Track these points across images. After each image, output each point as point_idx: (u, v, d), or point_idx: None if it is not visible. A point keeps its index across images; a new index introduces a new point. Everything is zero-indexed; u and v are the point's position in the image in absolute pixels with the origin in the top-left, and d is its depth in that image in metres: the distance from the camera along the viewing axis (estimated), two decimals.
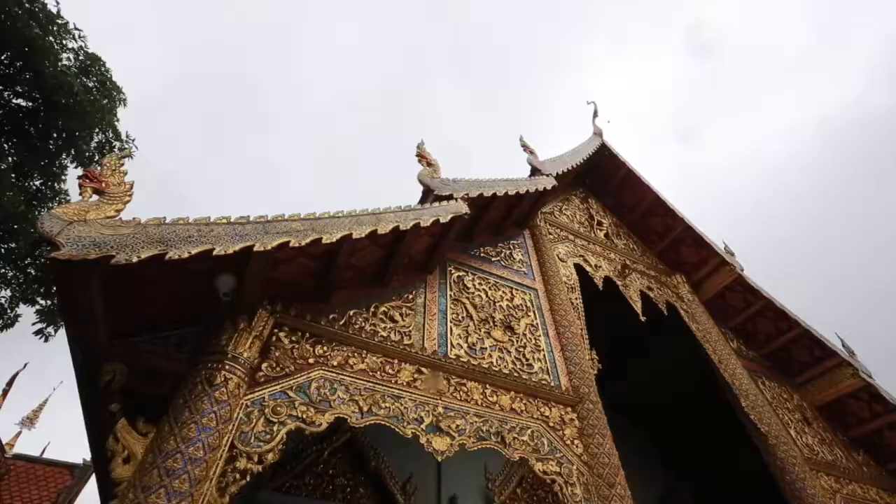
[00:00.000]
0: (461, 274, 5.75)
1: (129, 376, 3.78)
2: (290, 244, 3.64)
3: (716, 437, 10.21)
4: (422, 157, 6.01)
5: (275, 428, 3.51)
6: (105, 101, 10.06)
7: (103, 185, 3.32)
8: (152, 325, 3.90)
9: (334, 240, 3.86)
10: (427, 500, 7.36)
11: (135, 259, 2.91)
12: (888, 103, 68.35)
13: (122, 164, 3.67)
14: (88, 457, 9.14)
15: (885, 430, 8.56)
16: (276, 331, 4.09)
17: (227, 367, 3.55)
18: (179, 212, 3.47)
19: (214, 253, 3.20)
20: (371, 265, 4.80)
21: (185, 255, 3.09)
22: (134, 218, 3.19)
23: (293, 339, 4.12)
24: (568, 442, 4.59)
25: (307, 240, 3.72)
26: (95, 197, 3.29)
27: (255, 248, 3.44)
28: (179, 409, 3.30)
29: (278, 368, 3.87)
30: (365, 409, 3.83)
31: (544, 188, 6.92)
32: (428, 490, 7.45)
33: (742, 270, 9.75)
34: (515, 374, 4.85)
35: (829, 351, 9.02)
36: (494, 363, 4.83)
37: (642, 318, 7.56)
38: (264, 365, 3.83)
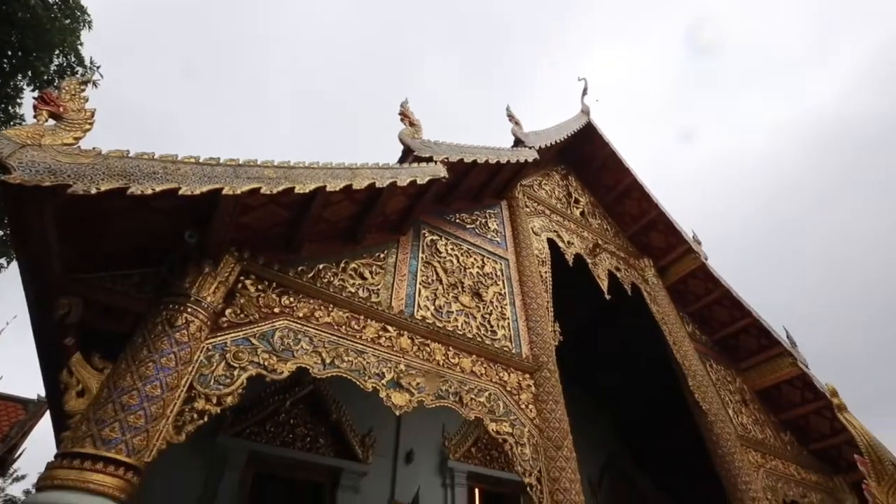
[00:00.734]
0: (435, 238, 5.76)
1: (87, 311, 3.70)
2: (262, 191, 3.55)
3: (661, 411, 10.85)
4: (405, 116, 5.87)
5: (235, 373, 3.53)
6: (67, 22, 9.29)
7: (61, 109, 3.11)
8: (113, 263, 3.79)
9: (307, 191, 3.79)
10: (385, 452, 7.63)
11: (94, 191, 2.78)
12: (871, 106, 70.34)
13: (84, 90, 3.44)
14: (43, 393, 9.00)
15: (812, 416, 9.31)
16: (242, 278, 4.05)
17: (189, 309, 3.51)
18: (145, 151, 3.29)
19: (180, 192, 3.09)
20: (344, 220, 4.75)
21: (149, 191, 2.97)
22: (94, 148, 3.03)
23: (259, 287, 4.09)
24: (523, 406, 4.81)
25: (279, 188, 3.63)
26: (52, 122, 3.09)
27: (224, 192, 3.35)
28: (138, 348, 3.27)
29: (242, 315, 3.86)
30: (328, 360, 3.88)
31: (525, 160, 6.92)
32: (386, 444, 7.71)
33: (706, 259, 10.14)
34: (479, 339, 4.99)
35: (774, 341, 9.62)
36: (459, 327, 4.95)
37: (607, 297, 7.82)
38: (228, 311, 3.80)
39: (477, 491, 8.54)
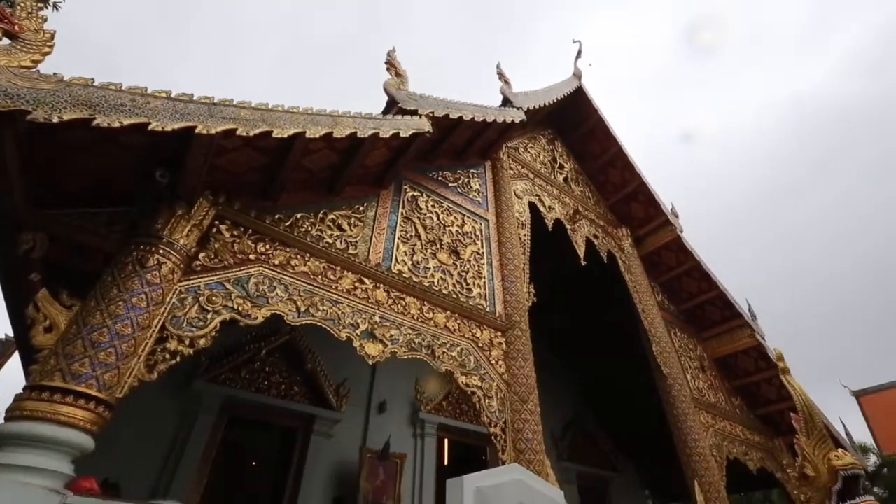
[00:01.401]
0: (416, 194, 5.72)
1: (53, 248, 3.60)
2: (238, 133, 3.43)
3: (624, 375, 11.38)
4: (391, 65, 5.66)
5: (209, 316, 3.54)
6: None
7: (16, 28, 2.89)
8: (80, 200, 3.66)
9: (286, 135, 3.67)
10: (358, 402, 7.87)
11: (56, 119, 2.63)
12: (858, 94, 70.98)
13: (42, 9, 3.19)
14: (11, 333, 8.86)
15: (763, 383, 9.96)
16: (217, 223, 3.97)
17: (161, 251, 3.45)
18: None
19: (150, 128, 2.96)
20: (324, 170, 4.65)
21: (117, 124, 2.83)
22: (55, 74, 2.84)
23: (235, 233, 4.03)
24: (493, 362, 4.99)
25: (256, 130, 3.51)
26: (6, 41, 2.88)
27: (198, 131, 3.22)
28: (107, 286, 3.22)
29: (217, 260, 3.82)
30: (303, 309, 3.92)
31: (512, 121, 6.82)
32: (360, 394, 7.94)
33: (681, 232, 10.40)
34: (454, 296, 5.08)
35: (736, 313, 10.10)
36: (435, 283, 5.02)
37: (583, 263, 7.99)
38: (202, 255, 3.75)
39: (446, 441, 8.96)
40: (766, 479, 9.56)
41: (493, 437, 4.63)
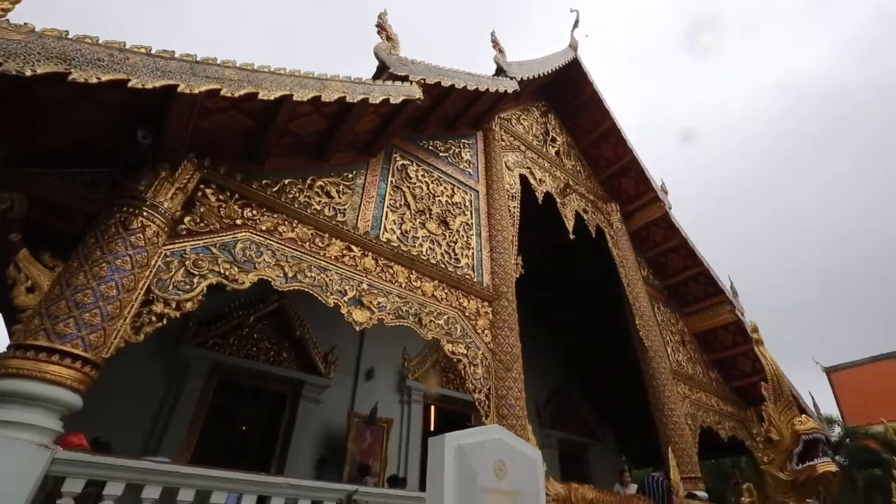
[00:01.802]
0: (406, 163, 5.66)
1: (33, 209, 3.52)
2: (222, 93, 3.33)
3: (607, 347, 11.68)
4: (382, 28, 5.48)
5: (195, 280, 3.53)
6: None
7: None
8: (59, 159, 3.56)
9: (272, 98, 3.58)
10: (346, 370, 8.01)
11: (29, 72, 2.53)
12: (853, 78, 70.69)
13: None
14: None
15: (739, 357, 10.32)
16: (202, 187, 3.91)
17: (144, 213, 3.40)
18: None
19: (130, 85, 2.86)
20: (312, 135, 4.57)
21: (94, 80, 2.73)
22: (25, 24, 2.71)
23: (221, 197, 3.98)
24: (479, 331, 5.09)
25: (241, 91, 3.41)
26: None
27: (180, 90, 3.12)
28: (90, 248, 3.19)
29: (202, 224, 3.78)
30: (290, 275, 3.92)
31: (505, 91, 6.70)
32: (348, 362, 8.07)
33: (670, 209, 10.48)
34: (442, 266, 5.12)
35: (718, 289, 10.34)
36: (424, 252, 5.04)
37: (571, 236, 8.05)
38: (187, 219, 3.71)
39: (432, 408, 9.21)
40: (736, 446, 10.03)
41: (477, 403, 4.78)
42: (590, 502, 4.58)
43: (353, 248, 4.42)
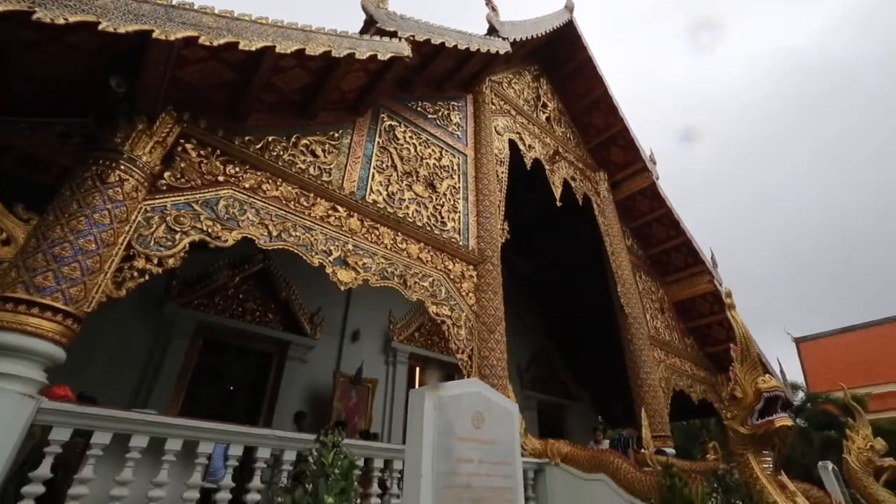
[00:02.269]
0: (393, 123, 5.54)
1: (4, 159, 3.42)
2: (200, 41, 3.18)
3: (588, 313, 11.97)
4: None
5: (177, 236, 3.49)
6: None
7: None
8: (28, 108, 3.41)
9: (253, 49, 3.44)
10: (332, 331, 8.11)
11: None
12: (845, 51, 70.15)
13: None
14: None
15: (714, 325, 10.71)
16: (182, 141, 3.80)
17: (122, 167, 3.30)
18: None
19: (101, 28, 2.71)
20: (296, 92, 4.42)
21: (61, 20, 2.58)
22: None
23: (202, 153, 3.88)
24: (464, 293, 5.16)
25: (221, 40, 3.26)
26: None
27: (156, 36, 2.97)
28: (66, 201, 3.11)
29: (183, 180, 3.69)
30: (274, 233, 3.89)
31: (497, 52, 6.52)
32: (334, 324, 8.17)
33: (657, 179, 10.55)
34: (428, 229, 5.12)
35: (699, 260, 10.59)
36: (410, 215, 5.02)
37: (559, 204, 8.08)
38: (167, 174, 3.62)
39: (417, 369, 9.43)
40: (706, 409, 10.57)
41: (460, 364, 4.91)
42: (564, 455, 4.83)
43: (339, 208, 4.39)
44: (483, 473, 2.10)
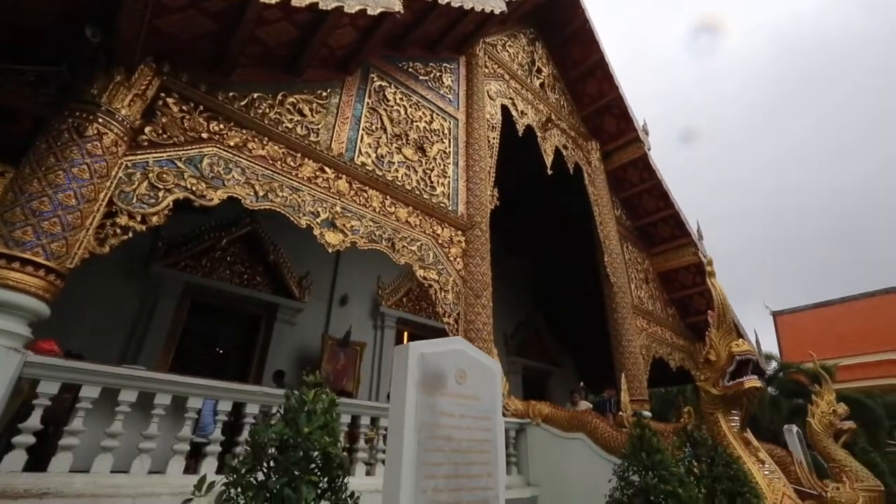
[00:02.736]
0: (383, 84, 5.39)
1: None
2: None
3: (575, 281, 12.16)
4: None
5: (160, 194, 3.42)
6: None
7: None
8: None
9: None
10: (321, 295, 8.16)
11: None
12: (841, 26, 69.04)
13: None
14: None
15: (696, 296, 10.97)
16: (163, 95, 3.66)
17: (100, 120, 3.19)
18: None
19: None
20: (282, 46, 4.26)
21: None
22: None
23: (184, 108, 3.75)
24: (451, 258, 5.20)
25: None
26: None
27: None
28: (43, 154, 3.01)
29: (165, 136, 3.59)
30: (261, 193, 3.84)
31: (491, 11, 6.29)
32: (323, 288, 8.20)
33: (649, 150, 10.51)
34: (417, 193, 5.09)
35: (685, 232, 10.72)
36: (399, 178, 4.97)
37: (549, 172, 8.05)
38: (148, 129, 3.51)
39: (405, 334, 9.59)
40: (683, 376, 10.97)
41: (446, 328, 5.00)
42: (545, 416, 5.02)
43: (327, 169, 4.32)
44: (464, 427, 2.19)
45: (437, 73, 6.30)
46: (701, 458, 2.52)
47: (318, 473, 1.13)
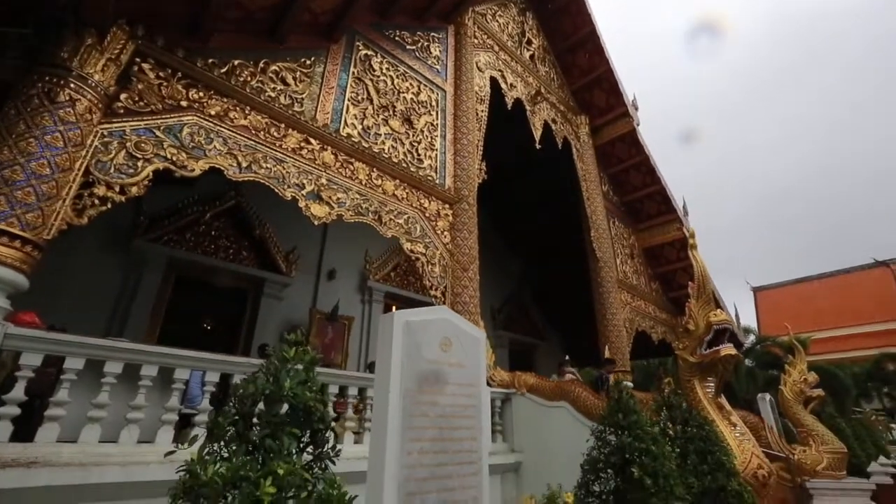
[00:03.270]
0: (369, 53, 5.24)
1: None
2: None
3: (561, 256, 12.28)
4: None
5: (139, 164, 3.33)
6: None
7: None
8: None
9: None
10: (308, 270, 8.12)
11: None
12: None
13: None
14: None
15: (679, 272, 11.18)
16: (138, 60, 3.52)
17: (72, 85, 3.07)
18: None
19: None
20: (262, 10, 4.10)
21: None
22: None
23: (161, 75, 3.62)
24: (439, 231, 5.19)
25: None
26: None
27: None
28: (12, 121, 2.90)
29: (142, 103, 3.47)
30: (244, 165, 3.76)
31: None
32: (310, 262, 8.16)
33: (638, 125, 10.48)
34: (404, 165, 5.03)
35: (671, 208, 10.83)
36: (386, 150, 4.90)
37: (538, 146, 8.00)
38: (123, 96, 3.39)
39: (393, 308, 9.64)
40: (665, 349, 11.28)
41: (433, 300, 5.04)
42: (530, 386, 5.15)
43: (312, 140, 4.23)
44: (449, 393, 2.24)
45: (425, 43, 6.14)
46: (676, 421, 2.64)
47: (300, 427, 1.16)
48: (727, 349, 3.02)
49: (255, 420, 1.17)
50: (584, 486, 2.17)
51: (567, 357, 14.54)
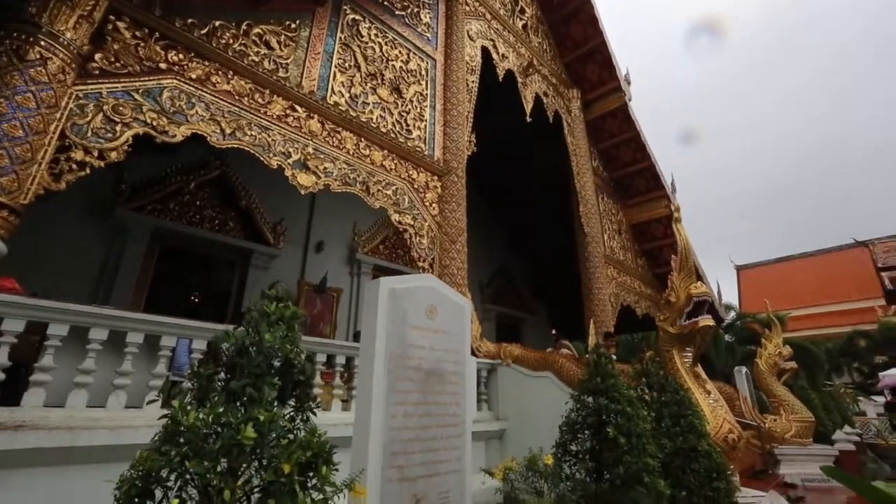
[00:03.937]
0: (357, 17, 5.07)
1: None
2: None
3: (549, 230, 12.33)
4: None
5: (118, 128, 3.23)
6: None
7: None
8: None
9: None
10: (296, 242, 8.07)
11: None
12: None
13: None
14: None
15: (665, 248, 11.32)
16: (112, 18, 3.37)
17: (42, 43, 2.94)
18: None
19: None
20: None
21: None
22: None
23: (138, 34, 3.47)
24: (427, 203, 5.17)
25: None
26: None
27: None
28: None
29: (118, 65, 3.34)
30: (228, 131, 3.67)
31: None
32: (298, 234, 8.10)
33: (630, 100, 10.40)
34: (393, 136, 4.95)
35: (660, 185, 10.88)
36: (374, 120, 4.81)
37: (528, 119, 7.92)
38: (98, 56, 3.25)
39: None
40: (648, 323, 11.54)
41: (421, 272, 5.07)
42: (515, 357, 5.27)
43: (298, 108, 4.13)
44: (434, 359, 2.29)
45: (415, 9, 5.95)
46: (653, 388, 2.74)
47: (279, 378, 1.18)
48: (705, 320, 3.11)
49: (235, 372, 1.19)
50: (562, 447, 2.27)
51: (553, 331, 14.91)
